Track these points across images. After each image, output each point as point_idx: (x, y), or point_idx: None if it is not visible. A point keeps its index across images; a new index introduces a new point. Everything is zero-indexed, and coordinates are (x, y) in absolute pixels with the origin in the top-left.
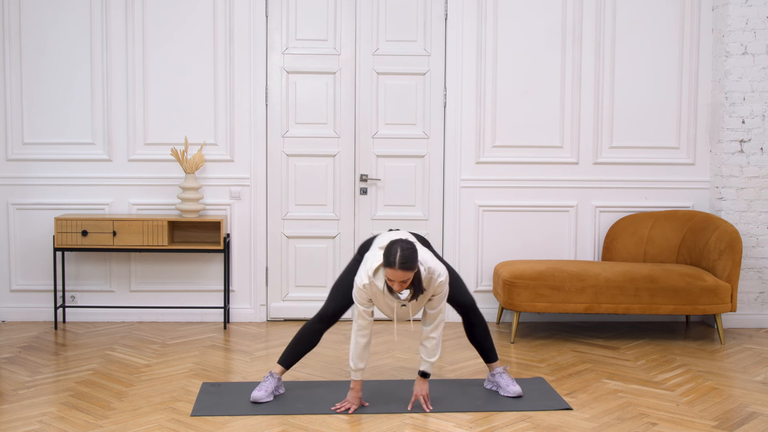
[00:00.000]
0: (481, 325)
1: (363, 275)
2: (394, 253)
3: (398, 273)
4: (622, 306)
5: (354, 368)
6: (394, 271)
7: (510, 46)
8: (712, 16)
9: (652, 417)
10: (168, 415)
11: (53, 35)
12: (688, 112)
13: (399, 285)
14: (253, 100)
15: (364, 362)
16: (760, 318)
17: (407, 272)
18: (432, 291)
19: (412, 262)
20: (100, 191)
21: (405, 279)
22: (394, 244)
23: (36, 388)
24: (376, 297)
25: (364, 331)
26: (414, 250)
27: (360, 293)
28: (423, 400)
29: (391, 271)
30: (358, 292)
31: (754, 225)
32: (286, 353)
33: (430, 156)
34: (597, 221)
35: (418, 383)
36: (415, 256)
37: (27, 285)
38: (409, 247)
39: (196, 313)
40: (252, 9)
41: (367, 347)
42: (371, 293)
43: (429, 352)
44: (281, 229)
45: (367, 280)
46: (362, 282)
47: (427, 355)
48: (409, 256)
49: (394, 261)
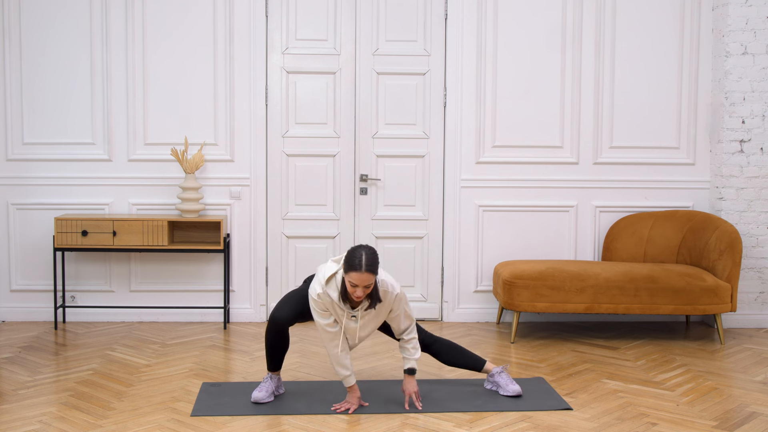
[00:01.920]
0: (445, 347)
1: (316, 286)
2: (358, 256)
3: (363, 276)
4: (622, 306)
5: (341, 376)
6: (359, 274)
7: (510, 46)
8: (712, 16)
9: (652, 417)
10: (168, 415)
11: (53, 35)
12: (688, 112)
13: (362, 290)
14: (253, 100)
15: (348, 369)
16: (760, 318)
17: (372, 275)
18: (389, 305)
19: (376, 266)
20: (100, 191)
21: (369, 283)
22: (357, 249)
23: (36, 388)
24: (328, 306)
25: (334, 341)
26: (376, 254)
27: (316, 304)
28: (415, 397)
29: (357, 275)
30: (314, 303)
31: (754, 225)
32: (269, 360)
33: (430, 156)
34: (597, 221)
35: (407, 381)
36: (377, 260)
37: (27, 285)
38: (372, 251)
39: (196, 313)
40: (252, 9)
41: (345, 354)
42: (325, 303)
43: (410, 352)
44: (281, 229)
45: (321, 290)
46: (316, 292)
47: (410, 354)
48: (373, 259)
49: (360, 264)
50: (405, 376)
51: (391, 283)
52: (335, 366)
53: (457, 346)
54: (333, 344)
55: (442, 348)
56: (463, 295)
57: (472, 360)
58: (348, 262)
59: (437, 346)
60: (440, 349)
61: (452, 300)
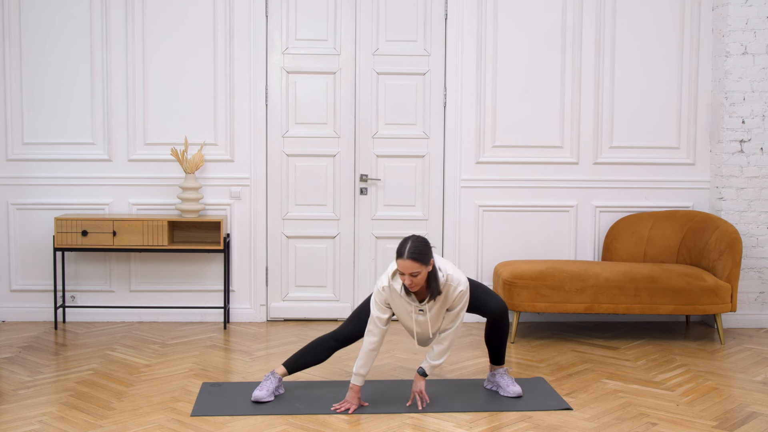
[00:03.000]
0: (504, 330)
1: (383, 278)
2: (404, 244)
3: (407, 263)
4: (622, 306)
5: (355, 372)
6: (403, 261)
7: (510, 46)
8: (712, 16)
9: (652, 417)
10: (168, 415)
11: (53, 35)
12: (688, 112)
13: (409, 279)
14: (253, 100)
15: (366, 368)
16: (760, 318)
17: (416, 263)
18: (451, 301)
19: (422, 255)
20: (100, 191)
21: (414, 271)
22: (408, 238)
23: (36, 388)
24: (393, 301)
25: (372, 337)
26: (426, 245)
27: (378, 295)
28: (419, 398)
29: (401, 262)
30: (377, 294)
31: (754, 225)
32: (294, 359)
33: (430, 156)
34: (597, 221)
35: (417, 380)
36: (426, 251)
37: (27, 285)
38: (422, 241)
39: (196, 313)
40: (252, 9)
41: (372, 353)
42: (389, 296)
43: (435, 355)
44: (281, 229)
45: (386, 282)
46: (381, 284)
47: (432, 357)
48: (420, 248)
49: (404, 251)
50: (416, 375)
51: (457, 278)
52: (359, 360)
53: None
54: (369, 339)
55: (498, 326)
56: None
57: (502, 355)
58: (397, 250)
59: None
60: (495, 326)
61: None
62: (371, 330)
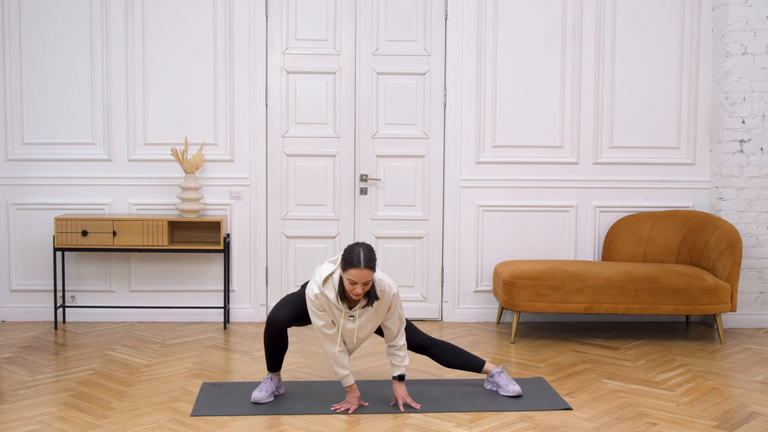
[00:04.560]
0: (444, 349)
1: (313, 286)
2: (356, 253)
3: (363, 273)
4: (622, 306)
5: (339, 376)
6: (358, 271)
7: (510, 46)
8: (712, 16)
9: (652, 417)
10: (168, 415)
11: (53, 35)
12: (688, 112)
13: (362, 287)
14: (253, 100)
15: (347, 368)
16: (760, 318)
17: (371, 272)
18: (386, 305)
19: (375, 262)
20: (100, 191)
21: (368, 280)
22: (355, 247)
23: (36, 388)
24: (325, 307)
25: (330, 343)
26: (374, 251)
27: (313, 305)
28: (408, 401)
29: (356, 272)
30: (312, 303)
31: (754, 225)
32: (268, 360)
33: (430, 156)
34: (597, 221)
35: (397, 386)
36: (375, 257)
37: (27, 285)
38: (370, 247)
39: (196, 313)
40: (252, 9)
41: (341, 355)
42: (323, 303)
43: (400, 359)
44: (281, 229)
45: (318, 290)
46: (313, 292)
47: (399, 361)
48: (372, 255)
49: (359, 260)
50: (395, 381)
51: (388, 282)
52: (333, 366)
53: (456, 348)
54: (330, 344)
55: (440, 350)
56: (463, 295)
57: (472, 361)
58: (346, 259)
59: (436, 348)
60: (439, 352)
61: (452, 300)
62: (325, 338)
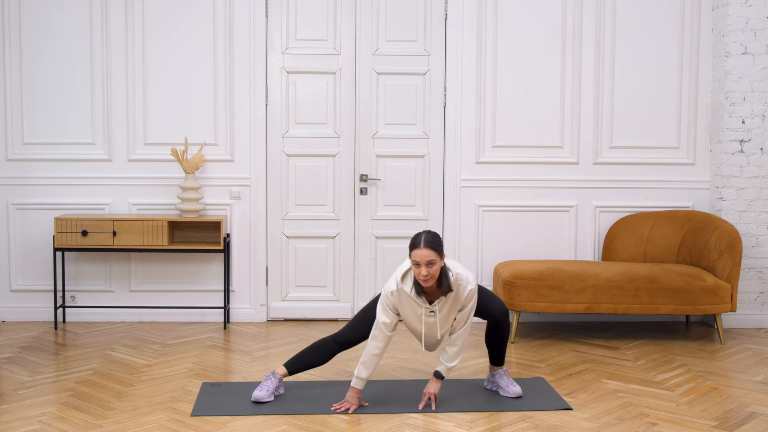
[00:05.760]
0: (505, 332)
1: (391, 282)
2: (418, 236)
3: (424, 252)
4: (622, 306)
5: (356, 375)
6: (419, 250)
7: (510, 47)
8: (712, 16)
9: (652, 417)
10: (168, 415)
11: (53, 35)
12: (688, 112)
13: (425, 269)
14: (253, 100)
15: (368, 372)
16: (760, 318)
17: (432, 251)
18: (462, 300)
19: (438, 245)
20: (100, 191)
21: (430, 259)
22: (420, 233)
23: (36, 388)
24: (402, 305)
25: (377, 343)
26: (439, 236)
27: (387, 300)
28: (433, 400)
29: (418, 251)
30: (386, 298)
31: (754, 225)
32: (295, 360)
33: (430, 156)
34: (597, 221)
35: (431, 383)
36: (440, 241)
37: (27, 285)
38: (435, 233)
39: (196, 313)
40: (252, 9)
41: (375, 358)
42: (398, 300)
43: (449, 357)
44: (281, 229)
45: (395, 286)
46: (390, 288)
47: (447, 359)
48: (434, 238)
49: (419, 241)
50: (432, 377)
51: (466, 276)
52: (360, 365)
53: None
54: (377, 343)
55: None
56: None
57: (502, 355)
58: (410, 244)
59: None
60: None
61: None
62: (376, 335)
